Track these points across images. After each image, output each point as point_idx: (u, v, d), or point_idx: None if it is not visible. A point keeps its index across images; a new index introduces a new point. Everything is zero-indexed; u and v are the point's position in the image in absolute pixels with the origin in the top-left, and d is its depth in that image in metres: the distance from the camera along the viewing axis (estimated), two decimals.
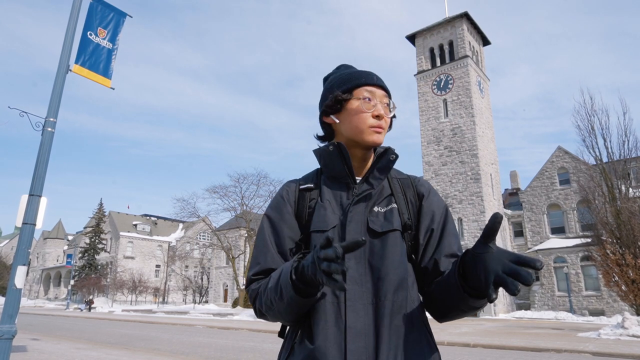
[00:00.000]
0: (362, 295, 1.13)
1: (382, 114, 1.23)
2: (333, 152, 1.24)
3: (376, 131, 1.23)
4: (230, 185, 40.69)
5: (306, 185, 1.30)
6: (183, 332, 17.37)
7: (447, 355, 10.54)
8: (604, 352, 10.55)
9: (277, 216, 1.26)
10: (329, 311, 1.12)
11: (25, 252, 5.59)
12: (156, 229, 72.02)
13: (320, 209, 1.22)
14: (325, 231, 1.18)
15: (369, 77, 1.27)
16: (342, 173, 1.25)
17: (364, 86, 1.26)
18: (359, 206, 1.21)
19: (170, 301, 62.92)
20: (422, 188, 1.29)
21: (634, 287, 19.56)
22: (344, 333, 1.09)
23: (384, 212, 1.21)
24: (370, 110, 1.23)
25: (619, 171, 22.46)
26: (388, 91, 1.29)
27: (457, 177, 34.72)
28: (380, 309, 1.12)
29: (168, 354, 10.53)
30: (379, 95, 1.26)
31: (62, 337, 14.51)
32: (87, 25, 7.03)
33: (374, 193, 1.24)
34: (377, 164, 1.24)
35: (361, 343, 1.08)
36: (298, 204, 1.27)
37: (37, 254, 77.32)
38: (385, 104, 1.26)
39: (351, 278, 1.14)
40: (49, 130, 6.09)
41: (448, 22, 38.52)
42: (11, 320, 5.33)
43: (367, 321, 1.11)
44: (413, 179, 1.32)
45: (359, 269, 1.15)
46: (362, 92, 1.25)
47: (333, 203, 1.23)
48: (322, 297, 1.13)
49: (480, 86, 38.21)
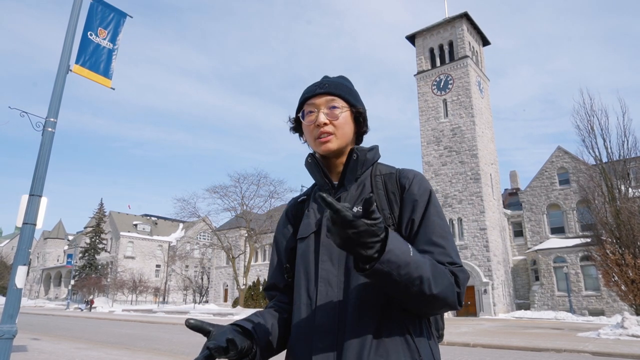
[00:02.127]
0: (333, 295, 1.16)
1: (320, 122, 1.24)
2: (311, 163, 1.31)
3: (322, 141, 1.25)
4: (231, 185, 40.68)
5: (302, 198, 1.40)
6: (183, 332, 17.38)
7: (447, 355, 10.54)
8: (604, 352, 10.56)
9: (279, 234, 1.40)
10: (303, 312, 1.19)
11: (25, 252, 5.60)
12: (156, 229, 72.04)
13: (305, 218, 1.32)
14: (306, 237, 1.26)
15: (309, 91, 1.30)
16: (321, 180, 1.31)
17: (306, 102, 1.30)
18: None
19: (171, 301, 62.90)
20: (404, 179, 1.26)
21: (633, 287, 19.56)
22: (311, 332, 1.14)
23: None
24: (312, 122, 1.27)
25: (618, 171, 22.46)
26: (334, 93, 1.28)
27: (457, 177, 34.72)
28: (350, 307, 1.13)
29: (168, 353, 10.54)
30: (322, 103, 1.27)
31: (62, 337, 14.52)
32: (87, 26, 7.03)
33: (348, 195, 1.26)
34: (347, 166, 1.27)
35: (328, 342, 1.11)
36: (295, 217, 1.38)
37: (38, 253, 77.34)
38: (330, 107, 1.26)
39: (325, 279, 1.18)
40: (49, 131, 6.09)
41: (448, 23, 38.53)
42: (12, 320, 5.33)
43: (336, 320, 1.13)
44: (398, 172, 1.29)
45: (335, 270, 1.18)
46: (305, 108, 1.30)
47: (315, 210, 1.30)
48: (299, 301, 1.21)
49: (480, 86, 38.22)
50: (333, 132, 1.26)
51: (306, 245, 1.26)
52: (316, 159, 1.29)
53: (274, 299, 1.34)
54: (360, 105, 1.33)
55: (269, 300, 1.37)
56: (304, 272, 1.24)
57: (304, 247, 1.26)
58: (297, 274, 1.26)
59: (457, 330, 17.70)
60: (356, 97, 1.33)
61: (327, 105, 1.27)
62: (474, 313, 31.85)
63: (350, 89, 1.33)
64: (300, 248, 1.28)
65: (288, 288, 1.32)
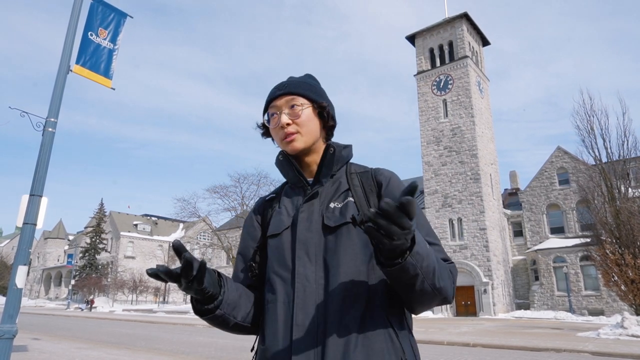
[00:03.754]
0: (313, 292, 1.13)
1: (282, 123, 1.25)
2: (283, 161, 1.30)
3: (287, 141, 1.25)
4: (231, 185, 40.51)
5: (270, 196, 1.38)
6: (183, 332, 17.39)
7: (447, 354, 10.56)
8: (604, 351, 10.57)
9: (245, 230, 1.38)
10: (280, 311, 1.15)
11: (26, 252, 5.60)
12: (157, 228, 72.05)
13: (276, 215, 1.29)
14: (279, 234, 1.23)
15: (271, 94, 1.31)
16: (295, 178, 1.30)
17: (269, 104, 1.30)
18: (311, 205, 1.23)
19: (171, 301, 62.92)
20: (381, 177, 1.27)
21: (633, 287, 19.56)
22: (290, 331, 1.10)
23: (340, 207, 1.21)
24: (276, 124, 1.27)
25: (618, 171, 22.45)
26: (292, 92, 1.28)
27: (457, 177, 34.72)
28: (330, 305, 1.10)
29: (169, 353, 10.55)
30: (283, 104, 1.27)
31: (62, 337, 14.53)
32: (87, 26, 7.03)
33: (325, 190, 1.26)
34: (322, 161, 1.27)
35: (309, 341, 1.07)
36: (263, 214, 1.36)
37: (38, 253, 77.32)
38: (290, 107, 1.26)
39: (303, 276, 1.14)
40: (50, 131, 6.10)
41: (448, 23, 38.52)
42: (12, 320, 5.33)
43: (316, 318, 1.10)
44: (374, 170, 1.31)
45: (312, 266, 1.16)
46: (269, 111, 1.30)
47: (289, 207, 1.28)
48: (274, 299, 1.17)
49: (480, 86, 38.22)
50: (297, 131, 1.25)
51: (279, 242, 1.22)
52: (287, 157, 1.29)
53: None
54: (324, 100, 1.32)
55: None
56: (278, 268, 1.20)
57: (277, 244, 1.23)
58: (270, 271, 1.22)
59: (457, 330, 17.71)
60: (319, 92, 1.33)
61: (288, 105, 1.27)
62: (474, 313, 31.85)
63: (312, 86, 1.32)
64: (272, 245, 1.24)
65: (252, 287, 1.28)
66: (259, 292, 1.28)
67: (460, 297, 32.96)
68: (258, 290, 1.28)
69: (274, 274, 1.20)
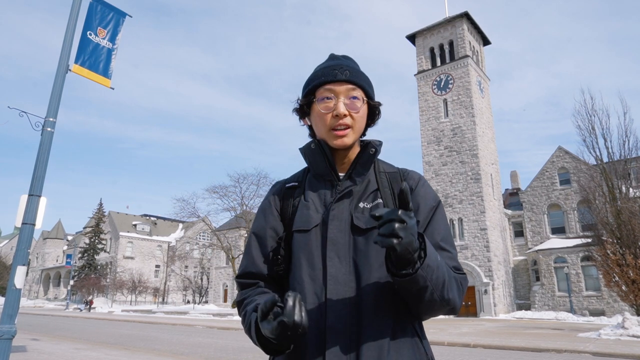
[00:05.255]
0: (344, 294, 1.09)
1: (341, 113, 1.16)
2: (315, 150, 1.21)
3: (337, 134, 1.17)
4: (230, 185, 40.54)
5: (292, 184, 1.29)
6: (183, 332, 17.37)
7: (448, 355, 10.52)
8: (605, 352, 10.54)
9: (262, 213, 1.28)
10: (310, 313, 1.08)
11: (24, 252, 5.58)
12: (156, 229, 72.00)
13: (303, 209, 1.21)
14: (308, 230, 1.16)
15: (329, 74, 1.20)
16: (325, 171, 1.22)
17: (323, 85, 1.19)
18: (342, 203, 1.17)
19: (170, 301, 62.91)
20: (411, 181, 1.24)
21: (634, 287, 19.54)
22: (324, 334, 1.06)
23: (370, 207, 1.17)
24: (330, 110, 1.18)
25: (619, 171, 22.43)
26: (356, 82, 1.20)
27: (458, 177, 34.70)
28: (363, 308, 1.08)
29: (168, 354, 10.51)
30: (342, 91, 1.18)
31: (61, 338, 14.49)
32: (86, 25, 7.00)
33: (356, 189, 1.20)
34: (359, 159, 1.21)
35: (342, 344, 1.05)
36: (283, 202, 1.27)
37: (37, 254, 77.29)
38: (350, 98, 1.18)
39: (334, 277, 1.10)
40: (49, 130, 6.07)
41: (448, 22, 38.51)
42: (11, 320, 5.31)
43: (349, 321, 1.07)
44: (403, 171, 1.27)
45: (343, 267, 1.12)
46: (322, 93, 1.19)
47: (316, 202, 1.21)
48: (303, 298, 1.09)
49: (481, 86, 38.20)
50: (351, 125, 1.18)
51: (307, 239, 1.16)
52: (322, 147, 1.20)
53: (256, 287, 1.22)
54: (375, 98, 1.27)
55: (243, 288, 1.23)
56: (306, 267, 1.14)
57: (305, 241, 1.16)
58: (297, 268, 1.16)
59: (457, 330, 17.68)
60: (373, 88, 1.27)
61: (348, 95, 1.18)
62: (475, 313, 31.83)
63: (369, 80, 1.26)
64: (300, 241, 1.17)
65: (272, 279, 1.22)
66: (278, 285, 1.23)
67: None
68: (276, 282, 1.23)
69: (302, 272, 1.15)
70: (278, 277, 1.22)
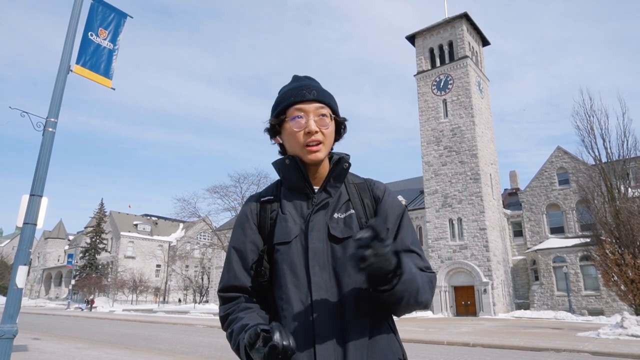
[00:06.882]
0: (328, 300, 1.17)
1: (312, 130, 1.23)
2: (290, 165, 1.27)
3: (311, 149, 1.24)
4: (231, 186, 40.55)
5: (267, 198, 1.34)
6: (183, 332, 17.40)
7: (447, 354, 10.56)
8: (603, 351, 10.58)
9: (240, 227, 1.32)
10: (298, 319, 1.17)
11: (26, 252, 5.60)
12: (157, 228, 72.02)
13: (282, 221, 1.26)
14: (289, 242, 1.22)
15: (297, 95, 1.27)
16: (300, 184, 1.28)
17: (293, 105, 1.26)
18: (319, 214, 1.25)
19: (171, 301, 62.91)
20: (377, 191, 1.33)
21: (633, 287, 19.57)
22: (312, 339, 1.13)
23: (344, 218, 1.25)
24: (302, 128, 1.24)
25: (618, 171, 22.44)
26: (324, 101, 1.28)
27: (457, 177, 34.72)
28: (346, 311, 1.16)
29: (169, 353, 10.55)
30: (312, 110, 1.25)
31: (63, 337, 14.53)
32: (87, 26, 7.03)
33: (331, 201, 1.28)
34: (332, 172, 1.28)
35: (331, 348, 1.13)
36: (260, 216, 1.31)
37: (38, 253, 77.31)
38: (320, 115, 1.26)
39: (317, 285, 1.18)
40: (50, 131, 6.10)
41: (448, 23, 38.50)
42: (12, 320, 5.33)
43: (334, 326, 1.15)
44: (369, 182, 1.36)
45: (324, 275, 1.19)
46: (293, 112, 1.26)
47: (294, 213, 1.27)
48: (289, 307, 1.18)
49: (480, 86, 38.21)
50: (322, 141, 1.25)
51: (289, 250, 1.22)
52: (297, 162, 1.26)
53: (239, 301, 1.26)
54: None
55: (226, 303, 1.27)
56: (290, 276, 1.20)
57: (287, 251, 1.22)
58: (281, 277, 1.22)
59: (457, 330, 17.71)
60: (337, 106, 1.35)
61: (317, 113, 1.26)
62: (474, 313, 31.85)
63: (334, 98, 1.34)
64: (282, 252, 1.23)
65: (255, 291, 1.27)
66: (260, 297, 1.29)
67: (460, 297, 32.99)
68: (259, 293, 1.28)
69: (286, 281, 1.21)
70: (261, 288, 1.27)
